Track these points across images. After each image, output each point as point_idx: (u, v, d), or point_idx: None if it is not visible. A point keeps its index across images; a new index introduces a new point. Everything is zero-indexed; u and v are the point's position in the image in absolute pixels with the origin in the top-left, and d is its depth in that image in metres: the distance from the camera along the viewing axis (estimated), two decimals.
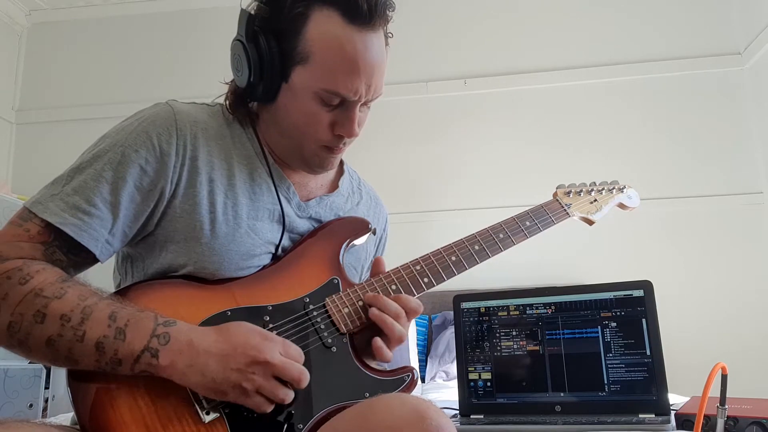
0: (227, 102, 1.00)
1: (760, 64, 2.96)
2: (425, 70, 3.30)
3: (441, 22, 3.37)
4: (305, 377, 0.82)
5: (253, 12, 0.93)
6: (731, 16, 3.13)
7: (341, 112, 0.94)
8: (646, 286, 1.26)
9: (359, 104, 0.94)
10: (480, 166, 3.20)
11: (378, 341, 0.92)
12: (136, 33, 3.64)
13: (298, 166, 1.02)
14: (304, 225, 1.02)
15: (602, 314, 1.27)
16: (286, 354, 0.82)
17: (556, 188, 1.24)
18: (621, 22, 3.22)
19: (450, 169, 3.23)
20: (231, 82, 1.01)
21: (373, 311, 0.93)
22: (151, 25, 3.63)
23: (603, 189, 1.27)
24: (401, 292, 0.98)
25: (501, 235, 1.09)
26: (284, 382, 0.82)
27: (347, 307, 0.95)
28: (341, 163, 1.13)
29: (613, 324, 1.26)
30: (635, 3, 3.22)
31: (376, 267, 1.02)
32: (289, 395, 0.81)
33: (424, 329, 2.93)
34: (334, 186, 1.10)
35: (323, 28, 0.89)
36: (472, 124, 3.26)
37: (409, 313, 0.95)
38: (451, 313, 1.52)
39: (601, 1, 3.26)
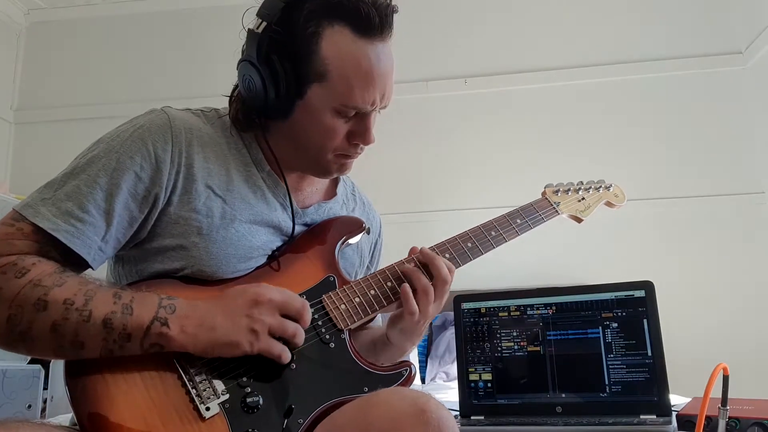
0: (235, 117, 0.99)
1: (761, 63, 2.95)
2: (425, 69, 3.29)
3: (441, 22, 3.36)
4: (307, 309, 0.87)
5: (260, 31, 0.91)
6: (732, 16, 3.12)
7: (357, 122, 0.95)
8: (648, 286, 1.26)
9: (373, 112, 0.96)
10: (480, 165, 3.18)
11: (406, 287, 0.97)
12: (135, 32, 3.63)
13: (314, 173, 1.03)
14: (300, 231, 1.02)
15: (603, 315, 1.26)
16: (282, 293, 0.86)
17: (545, 187, 1.26)
18: (622, 21, 3.21)
19: (450, 168, 3.22)
20: (235, 96, 1.00)
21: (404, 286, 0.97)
22: (150, 24, 3.62)
23: (590, 188, 1.29)
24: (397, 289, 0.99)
25: (493, 233, 1.10)
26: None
27: (344, 303, 0.96)
28: None
29: (614, 325, 1.25)
30: (636, 3, 3.21)
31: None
32: (299, 332, 0.86)
33: None
34: (331, 193, 1.10)
35: (337, 45, 0.90)
36: (473, 123, 3.24)
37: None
38: (452, 313, 1.52)
39: (602, 1, 3.25)
